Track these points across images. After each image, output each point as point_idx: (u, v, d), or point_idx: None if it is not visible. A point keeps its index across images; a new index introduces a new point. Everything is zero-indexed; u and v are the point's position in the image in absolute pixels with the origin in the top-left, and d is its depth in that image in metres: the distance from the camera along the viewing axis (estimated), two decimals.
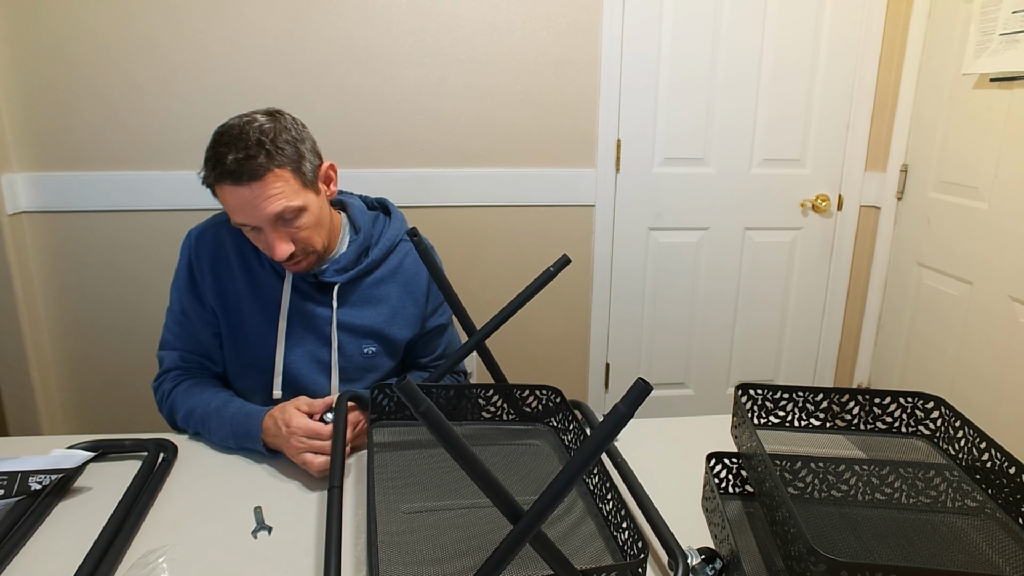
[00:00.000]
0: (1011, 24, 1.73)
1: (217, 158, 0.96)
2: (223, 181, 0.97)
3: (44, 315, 2.05)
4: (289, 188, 0.99)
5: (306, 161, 1.03)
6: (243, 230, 1.05)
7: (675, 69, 2.16)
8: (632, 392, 0.54)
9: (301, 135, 1.03)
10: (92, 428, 2.15)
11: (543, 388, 1.04)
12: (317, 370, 1.16)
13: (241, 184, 0.96)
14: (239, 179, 0.96)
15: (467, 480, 0.59)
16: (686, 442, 1.09)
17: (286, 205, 0.99)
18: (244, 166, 0.95)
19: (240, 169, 0.95)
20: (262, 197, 0.97)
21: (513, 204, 2.19)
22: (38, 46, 1.87)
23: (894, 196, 2.25)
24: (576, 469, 0.58)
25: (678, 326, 2.41)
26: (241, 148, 0.96)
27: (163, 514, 0.88)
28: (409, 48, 2.01)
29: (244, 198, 0.97)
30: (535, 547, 0.62)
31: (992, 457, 0.82)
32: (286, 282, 1.13)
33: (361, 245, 1.16)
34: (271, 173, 0.97)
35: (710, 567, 0.74)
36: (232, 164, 0.95)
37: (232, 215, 1.02)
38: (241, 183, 0.96)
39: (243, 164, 0.95)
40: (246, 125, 0.98)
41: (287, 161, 0.99)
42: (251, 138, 0.96)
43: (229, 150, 0.96)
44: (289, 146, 1.00)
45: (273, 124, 1.00)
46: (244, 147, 0.96)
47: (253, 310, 1.13)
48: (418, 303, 1.22)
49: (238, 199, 0.98)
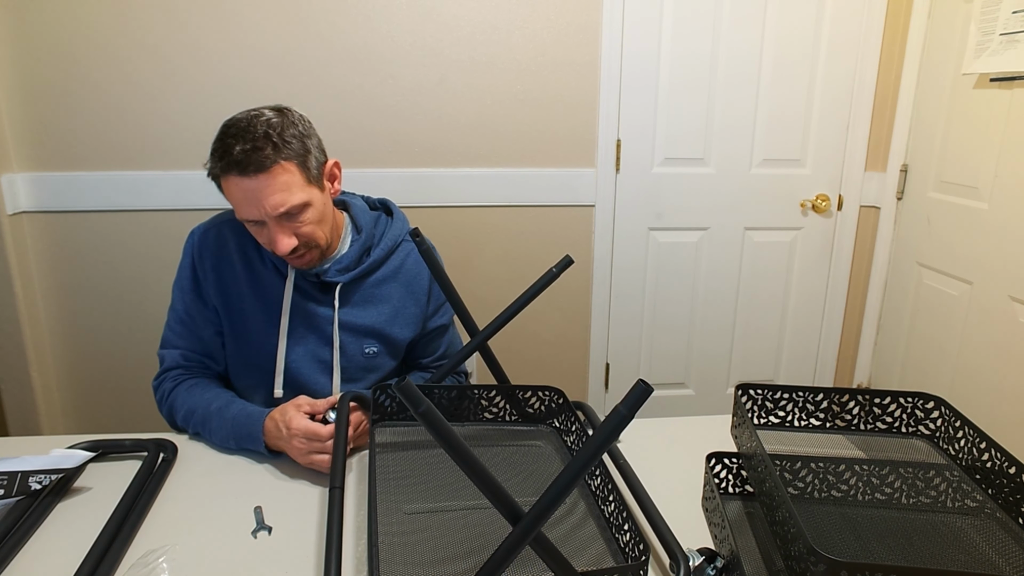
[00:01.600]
0: (1011, 24, 1.73)
1: (224, 149, 0.97)
2: (229, 172, 0.98)
3: (44, 315, 2.05)
4: (294, 182, 1.00)
5: (312, 157, 1.03)
6: (246, 225, 1.05)
7: (675, 69, 2.16)
8: (632, 394, 0.54)
9: (308, 131, 1.04)
10: (92, 428, 2.15)
11: (545, 389, 1.04)
12: (318, 370, 1.16)
13: (247, 175, 0.97)
14: (245, 170, 0.97)
15: (468, 481, 0.59)
16: (686, 442, 1.09)
17: (290, 198, 0.99)
18: (251, 157, 0.96)
19: (247, 160, 0.96)
20: (268, 189, 0.98)
21: (513, 204, 2.19)
22: (38, 46, 1.87)
23: (894, 196, 2.25)
24: (576, 471, 0.57)
25: (678, 326, 2.41)
26: (248, 140, 0.96)
27: (163, 514, 0.88)
28: (409, 48, 2.01)
29: (249, 189, 0.98)
30: (536, 549, 0.62)
31: (992, 457, 0.82)
32: (288, 281, 1.13)
33: (363, 245, 1.16)
34: (277, 165, 0.98)
35: (711, 567, 0.74)
36: (239, 155, 0.96)
37: (236, 208, 1.02)
38: (247, 174, 0.97)
39: (250, 155, 0.96)
40: (254, 119, 0.99)
41: (293, 155, 1.00)
42: (258, 131, 0.97)
43: (236, 141, 0.97)
44: (296, 140, 1.00)
45: (281, 119, 1.01)
46: (251, 139, 0.97)
47: (255, 309, 1.13)
48: (419, 303, 1.23)
49: (243, 191, 0.98)
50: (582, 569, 0.65)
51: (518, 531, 0.59)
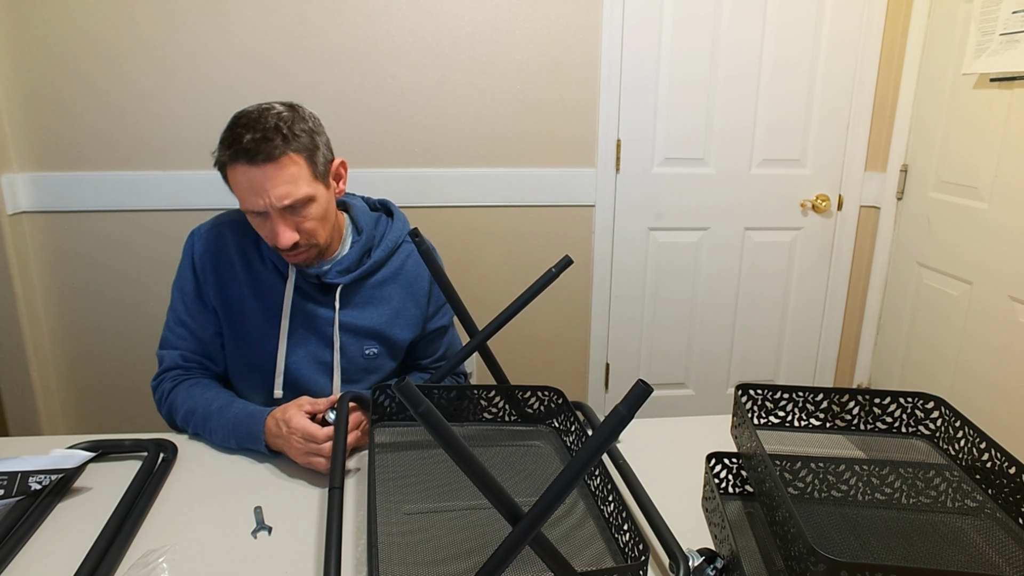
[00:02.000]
0: (1011, 24, 1.73)
1: (234, 138, 0.98)
2: (237, 160, 0.98)
3: (44, 315, 2.05)
4: (301, 175, 1.01)
5: (320, 153, 1.05)
6: (249, 217, 1.05)
7: (675, 69, 2.16)
8: (632, 394, 0.54)
9: (317, 128, 1.06)
10: (92, 428, 2.15)
11: (545, 389, 1.04)
12: (318, 371, 1.16)
13: (255, 164, 0.98)
14: (254, 159, 0.97)
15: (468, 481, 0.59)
16: (686, 442, 1.09)
17: (296, 190, 1.00)
18: (260, 146, 0.97)
19: (256, 148, 0.97)
20: (275, 179, 0.99)
21: (513, 204, 2.18)
22: (38, 46, 1.87)
23: (894, 196, 2.25)
24: (576, 471, 0.57)
25: (678, 326, 2.41)
26: (259, 130, 0.98)
27: (163, 514, 0.88)
28: (409, 48, 2.01)
29: (256, 179, 0.98)
30: (535, 549, 0.62)
31: (992, 457, 0.82)
32: (288, 282, 1.13)
33: (363, 246, 1.16)
34: (286, 156, 0.99)
35: (711, 567, 0.74)
36: (249, 143, 0.97)
37: (241, 199, 1.02)
38: (255, 163, 0.98)
39: (260, 144, 0.97)
40: (265, 111, 1.01)
41: (302, 148, 1.01)
42: (269, 122, 0.99)
43: (247, 131, 0.98)
44: (305, 135, 1.02)
45: (291, 113, 1.02)
46: (262, 129, 0.98)
47: (255, 309, 1.13)
48: (420, 304, 1.23)
49: (250, 179, 0.99)
50: (582, 569, 0.65)
51: (518, 531, 0.59)
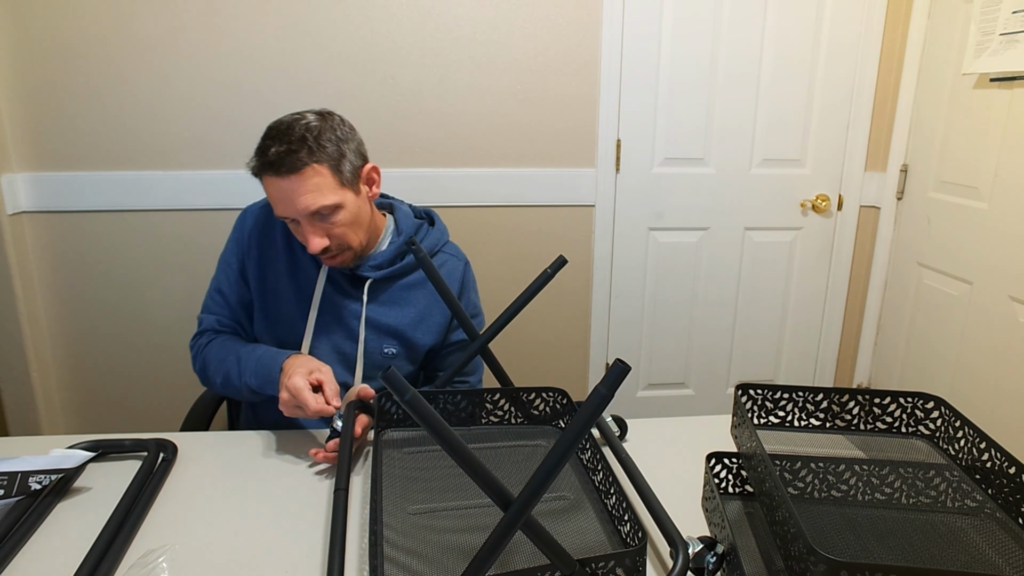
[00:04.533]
0: (1011, 24, 1.73)
1: (263, 149, 1.04)
2: (265, 172, 1.04)
3: (44, 315, 2.05)
4: (325, 184, 1.05)
5: (347, 161, 1.07)
6: (286, 222, 1.11)
7: (675, 69, 2.15)
8: (611, 373, 0.56)
9: (346, 136, 1.09)
10: (92, 428, 2.15)
11: (550, 390, 1.05)
12: (338, 362, 1.20)
13: (280, 176, 1.02)
14: (279, 171, 1.02)
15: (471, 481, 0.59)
16: (686, 442, 1.09)
17: (320, 199, 1.04)
18: (284, 159, 1.02)
19: (280, 161, 1.02)
20: (299, 190, 1.03)
21: (513, 204, 2.18)
22: (38, 46, 1.86)
23: (894, 196, 2.25)
24: (562, 452, 0.59)
25: (678, 326, 2.41)
26: (285, 142, 1.02)
27: (163, 514, 0.88)
28: (409, 48, 2.01)
29: (282, 190, 1.03)
30: (528, 534, 0.63)
31: (992, 457, 0.82)
32: (322, 272, 1.18)
33: (400, 247, 1.21)
34: (309, 167, 1.03)
35: (711, 553, 0.74)
36: (273, 156, 1.02)
37: (274, 206, 1.08)
38: (280, 175, 1.02)
39: (284, 157, 1.02)
40: (295, 122, 1.05)
41: (327, 158, 1.04)
42: (296, 134, 1.03)
43: (274, 143, 1.03)
44: (331, 144, 1.05)
45: (320, 123, 1.06)
46: (288, 141, 1.02)
47: (289, 291, 1.19)
48: (445, 313, 1.26)
49: (278, 190, 1.04)
50: (580, 557, 0.65)
51: (510, 515, 0.60)
